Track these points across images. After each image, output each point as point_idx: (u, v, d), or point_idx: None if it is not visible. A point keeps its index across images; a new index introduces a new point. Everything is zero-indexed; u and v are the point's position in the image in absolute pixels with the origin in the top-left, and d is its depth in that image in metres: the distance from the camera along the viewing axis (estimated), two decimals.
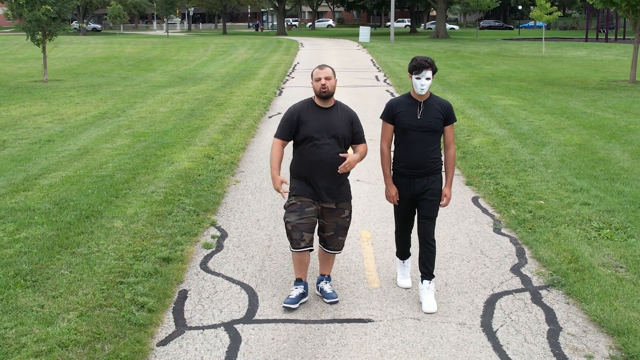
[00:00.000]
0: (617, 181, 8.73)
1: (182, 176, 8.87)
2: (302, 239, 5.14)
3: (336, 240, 5.35)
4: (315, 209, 5.22)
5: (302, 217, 5.15)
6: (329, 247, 5.38)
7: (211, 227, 7.19)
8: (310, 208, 5.19)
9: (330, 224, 5.30)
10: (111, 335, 4.67)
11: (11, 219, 7.06)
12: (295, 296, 5.25)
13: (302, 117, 5.18)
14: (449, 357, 4.55)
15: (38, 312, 4.96)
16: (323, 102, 5.21)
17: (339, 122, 5.19)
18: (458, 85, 20.00)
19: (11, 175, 8.96)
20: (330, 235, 5.32)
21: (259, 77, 22.85)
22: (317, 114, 5.19)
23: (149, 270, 5.79)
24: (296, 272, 5.36)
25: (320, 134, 5.12)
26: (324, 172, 5.15)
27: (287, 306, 5.18)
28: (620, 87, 19.72)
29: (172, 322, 5.05)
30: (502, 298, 5.51)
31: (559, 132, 12.00)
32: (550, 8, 32.14)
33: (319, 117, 5.18)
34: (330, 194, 5.24)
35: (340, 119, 5.22)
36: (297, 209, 5.18)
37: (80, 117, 13.93)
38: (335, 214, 5.29)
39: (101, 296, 5.24)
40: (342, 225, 5.34)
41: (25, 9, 18.93)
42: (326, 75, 5.15)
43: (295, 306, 5.20)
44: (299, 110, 5.23)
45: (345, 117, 5.25)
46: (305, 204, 5.19)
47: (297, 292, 5.29)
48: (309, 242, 5.18)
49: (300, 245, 5.16)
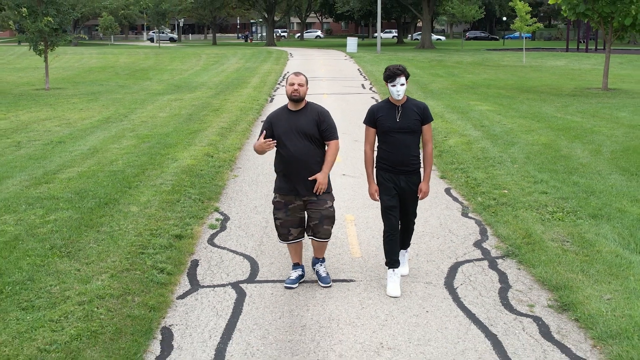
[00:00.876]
0: (574, 174, 9.82)
1: (186, 171, 9.88)
2: (290, 233, 5.83)
3: (322, 229, 5.80)
4: (299, 204, 5.78)
5: (287, 214, 5.79)
6: (317, 236, 5.84)
7: (215, 212, 8.20)
8: (293, 205, 5.77)
9: (314, 213, 5.76)
10: (138, 290, 5.68)
11: (39, 205, 8.05)
12: (295, 277, 5.96)
13: (274, 121, 5.75)
14: (417, 305, 5.58)
15: (76, 274, 5.96)
16: (294, 106, 5.73)
17: (306, 122, 5.66)
18: (439, 92, 21.13)
19: (31, 170, 9.94)
20: (316, 224, 5.78)
21: (251, 85, 23.92)
22: (287, 117, 5.72)
23: (165, 244, 6.80)
24: (292, 258, 6.08)
25: (287, 134, 5.63)
26: (297, 168, 5.65)
27: (289, 286, 5.88)
28: (592, 94, 20.92)
29: (188, 282, 6.05)
30: (464, 265, 6.55)
31: (528, 134, 13.12)
32: (531, 20, 33.42)
33: (288, 119, 5.70)
34: (308, 188, 5.71)
35: (307, 119, 5.68)
36: (282, 207, 5.80)
37: (85, 121, 14.92)
38: (318, 204, 5.75)
39: (127, 263, 6.24)
40: (326, 215, 5.78)
41: (28, 21, 19.90)
42: (299, 82, 5.66)
43: (295, 286, 5.90)
44: (274, 114, 5.83)
45: (313, 116, 5.71)
46: (289, 201, 5.77)
47: (296, 274, 6.00)
48: (296, 236, 5.85)
49: (287, 239, 5.86)
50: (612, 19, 20.82)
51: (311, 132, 5.67)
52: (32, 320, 5.06)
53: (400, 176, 5.75)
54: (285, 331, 5.12)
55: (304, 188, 5.71)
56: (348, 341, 4.97)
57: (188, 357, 4.72)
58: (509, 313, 5.47)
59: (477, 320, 5.33)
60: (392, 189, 5.77)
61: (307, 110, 5.76)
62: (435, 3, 60.54)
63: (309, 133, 5.66)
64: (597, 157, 10.99)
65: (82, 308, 5.27)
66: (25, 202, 8.20)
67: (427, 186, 5.86)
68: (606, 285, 5.82)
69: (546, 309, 5.55)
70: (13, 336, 4.81)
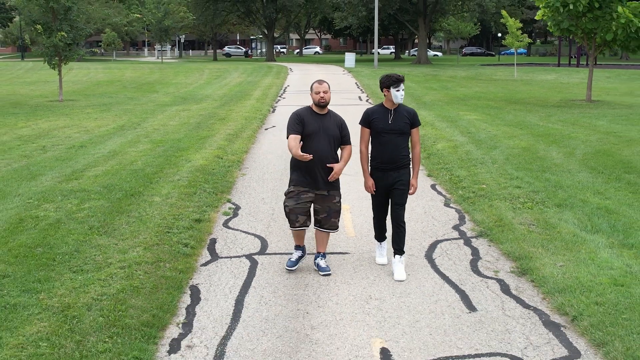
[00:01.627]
0: (547, 172, 10.98)
1: (200, 170, 11.03)
2: (297, 220, 6.47)
3: (330, 221, 6.52)
4: (310, 196, 6.43)
5: (298, 202, 6.42)
6: (324, 227, 6.54)
7: (227, 203, 9.34)
8: (306, 195, 6.41)
9: (323, 207, 6.47)
10: (168, 259, 6.80)
11: (73, 196, 9.18)
12: (295, 259, 6.65)
13: (305, 119, 6.39)
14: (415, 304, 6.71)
15: (114, 247, 7.09)
16: (319, 110, 6.45)
17: (331, 125, 6.44)
18: (432, 103, 22.36)
19: (60, 169, 11.08)
20: (324, 217, 6.49)
21: (254, 97, 25.16)
22: (314, 118, 6.41)
23: (186, 226, 7.93)
24: (295, 241, 6.74)
25: (316, 134, 6.33)
26: (319, 164, 6.36)
27: (289, 269, 6.56)
28: (576, 105, 22.14)
29: (208, 254, 7.18)
30: (443, 242, 7.68)
31: (510, 139, 14.30)
32: (521, 35, 34.77)
33: (316, 120, 6.39)
34: (324, 182, 6.44)
35: (332, 123, 6.46)
36: (294, 196, 6.44)
37: (102, 128, 16.09)
38: (328, 199, 6.48)
39: (156, 239, 7.37)
40: (334, 208, 6.51)
41: (44, 36, 21.13)
42: (324, 89, 6.39)
43: (294, 268, 6.58)
44: (302, 113, 6.46)
45: (336, 122, 6.51)
46: (302, 192, 6.42)
47: (297, 255, 6.68)
48: (302, 223, 6.50)
49: (295, 225, 6.52)
50: (594, 35, 22.07)
51: (336, 134, 6.44)
52: (83, 279, 6.18)
53: (390, 172, 6.43)
54: (292, 288, 6.25)
55: (322, 182, 6.41)
56: (343, 294, 6.10)
57: (213, 305, 5.84)
58: (477, 276, 6.60)
59: (449, 281, 6.46)
60: (382, 188, 6.48)
61: (330, 115, 6.53)
62: (431, 20, 62.05)
63: (334, 135, 6.43)
64: (569, 159, 12.15)
65: (124, 271, 6.39)
66: (60, 194, 9.33)
67: (416, 181, 6.58)
68: (561, 257, 6.95)
69: (508, 273, 6.68)
70: (70, 290, 5.92)
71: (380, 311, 5.74)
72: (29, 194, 9.35)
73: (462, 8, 60.56)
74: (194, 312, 5.69)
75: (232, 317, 5.61)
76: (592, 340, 5.14)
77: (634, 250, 7.14)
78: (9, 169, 11.17)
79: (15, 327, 5.23)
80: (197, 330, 5.36)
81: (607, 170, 11.15)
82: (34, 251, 6.93)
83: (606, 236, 7.63)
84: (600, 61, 57.57)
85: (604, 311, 5.52)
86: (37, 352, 4.82)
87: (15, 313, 5.47)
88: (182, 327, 5.40)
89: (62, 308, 5.55)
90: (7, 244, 7.17)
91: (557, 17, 22.04)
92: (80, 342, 4.97)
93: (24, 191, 9.51)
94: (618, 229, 7.92)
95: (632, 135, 15.08)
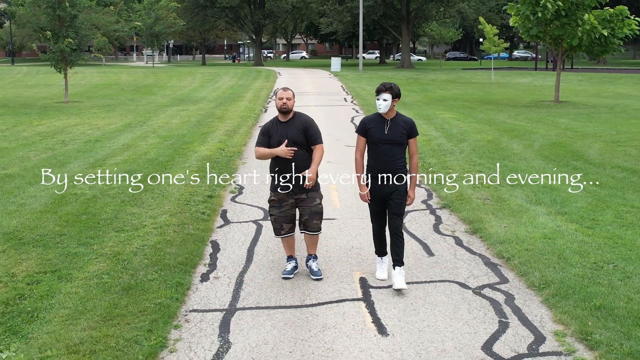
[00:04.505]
0: (506, 160, 12.74)
1: (206, 159, 12.69)
2: (282, 228, 6.64)
3: (312, 223, 6.59)
4: (291, 202, 6.58)
5: (281, 210, 6.58)
6: (308, 229, 6.64)
7: (233, 184, 11.01)
8: (286, 202, 6.57)
9: (305, 210, 6.58)
10: (191, 222, 8.46)
11: (101, 180, 10.82)
12: (290, 269, 6.74)
13: (270, 131, 6.55)
14: None
15: (145, 214, 8.74)
16: (283, 117, 6.52)
17: (294, 131, 6.45)
18: (411, 104, 24.14)
19: (84, 159, 12.69)
20: (307, 219, 6.59)
21: (246, 99, 26.86)
22: (279, 127, 6.52)
23: (201, 200, 9.59)
24: (286, 251, 6.86)
25: (280, 142, 6.43)
26: (290, 170, 6.46)
27: (286, 276, 6.67)
28: (544, 105, 24.02)
29: (222, 220, 8.85)
30: (412, 212, 9.38)
31: (479, 134, 16.09)
32: (498, 41, 36.73)
33: (279, 129, 6.50)
34: (299, 187, 6.52)
35: (295, 128, 6.46)
36: (276, 205, 6.61)
37: (111, 126, 17.71)
38: (308, 202, 6.57)
39: (178, 209, 9.03)
40: (315, 211, 6.59)
41: (51, 42, 22.71)
42: (287, 96, 6.44)
43: (292, 276, 6.70)
44: (268, 126, 6.63)
45: (300, 125, 6.48)
46: (282, 199, 6.58)
47: (291, 265, 6.78)
48: (288, 230, 6.65)
49: (280, 233, 6.67)
50: (561, 41, 23.94)
51: (299, 140, 6.45)
52: (126, 236, 7.83)
53: (386, 182, 6.34)
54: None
55: (296, 187, 6.54)
56: (330, 245, 7.81)
57: (230, 252, 7.52)
58: (437, 234, 8.33)
59: (415, 237, 8.18)
60: (378, 197, 6.40)
61: (294, 120, 6.52)
62: (414, 25, 64.04)
63: (298, 141, 6.44)
64: (527, 149, 13.95)
65: (157, 230, 8.06)
66: (90, 177, 10.96)
67: (413, 193, 6.50)
68: (506, 221, 8.67)
69: (462, 233, 8.40)
70: (116, 243, 7.57)
71: (360, 256, 7.46)
72: (63, 177, 10.97)
73: (443, 14, 62.64)
74: (216, 257, 7.37)
75: (246, 260, 7.29)
76: (519, 272, 6.87)
77: (566, 217, 8.88)
78: (39, 158, 12.78)
79: (80, 267, 6.87)
80: (220, 267, 7.04)
81: (558, 158, 12.94)
82: (80, 218, 8.58)
83: (546, 207, 9.37)
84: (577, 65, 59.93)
85: (531, 254, 7.25)
86: (101, 282, 6.47)
87: (78, 258, 7.11)
88: (208, 266, 7.07)
89: (113, 254, 7.21)
90: (57, 212, 8.82)
91: (527, 25, 23.89)
92: (133, 275, 6.62)
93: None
94: (557, 202, 9.67)
95: (588, 130, 16.92)
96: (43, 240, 7.69)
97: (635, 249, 7.37)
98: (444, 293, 6.37)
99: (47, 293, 6.19)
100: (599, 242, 7.62)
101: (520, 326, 5.62)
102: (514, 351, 5.17)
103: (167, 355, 5.10)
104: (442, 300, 6.20)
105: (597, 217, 8.75)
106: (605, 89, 33.08)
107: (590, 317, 5.59)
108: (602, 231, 8.11)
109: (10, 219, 8.52)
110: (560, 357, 5.07)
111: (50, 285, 6.36)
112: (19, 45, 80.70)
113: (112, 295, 6.13)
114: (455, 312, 5.92)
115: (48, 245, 7.50)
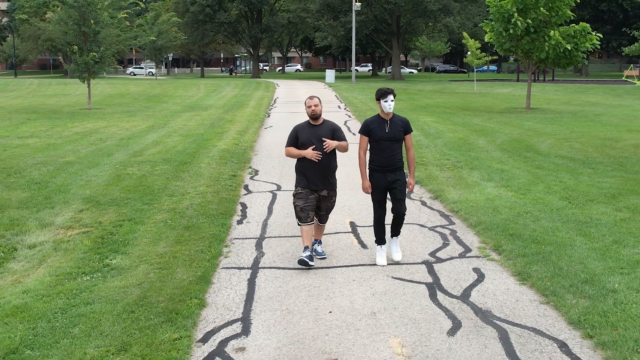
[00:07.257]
0: (471, 152, 15.57)
1: (225, 151, 15.47)
2: (308, 216, 7.29)
3: (325, 217, 7.73)
4: (315, 196, 7.37)
5: (306, 202, 7.32)
6: (321, 221, 7.75)
7: (249, 168, 13.78)
8: (312, 196, 7.34)
9: (324, 206, 7.55)
10: (223, 190, 11.22)
11: (144, 165, 13.57)
12: (307, 256, 7.25)
13: (299, 132, 7.34)
14: (369, 207, 11.21)
15: (187, 185, 11.50)
16: (314, 121, 7.33)
17: (324, 132, 7.25)
18: (398, 111, 26.91)
19: (125, 151, 15.45)
20: (323, 214, 7.66)
21: (250, 106, 29.72)
22: (309, 129, 7.33)
23: (227, 178, 12.36)
24: (304, 242, 7.34)
25: (309, 141, 7.24)
26: (316, 168, 7.27)
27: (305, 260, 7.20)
28: (516, 111, 26.92)
29: (245, 191, 11.61)
30: None
31: (452, 133, 18.93)
32: (480, 54, 39.71)
33: (310, 131, 7.29)
34: (324, 184, 7.37)
35: (325, 131, 7.27)
36: (303, 197, 7.33)
37: (137, 128, 20.50)
38: (327, 199, 7.51)
39: (211, 182, 11.80)
40: (331, 207, 7.66)
41: (77, 55, 25.50)
42: (314, 103, 7.26)
43: (313, 262, 7.26)
44: (298, 127, 7.45)
45: (329, 129, 7.33)
46: (309, 193, 7.33)
47: (308, 253, 7.29)
48: (312, 218, 7.41)
49: (306, 221, 7.30)
50: (531, 54, 26.86)
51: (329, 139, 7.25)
52: (176, 199, 10.58)
53: (388, 174, 7.22)
54: None
55: (321, 185, 7.35)
56: None
57: (256, 209, 10.28)
58: (408, 199, 11.10)
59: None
60: (381, 187, 7.25)
61: (324, 124, 7.36)
62: (404, 39, 67.19)
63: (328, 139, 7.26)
64: (490, 144, 16.79)
65: (199, 195, 10.82)
66: (135, 163, 13.72)
67: (413, 180, 7.46)
68: (461, 191, 11.45)
69: (427, 199, 11.18)
70: (170, 203, 10.32)
71: (350, 208, 10.24)
72: (113, 163, 13.74)
73: (432, 29, 65.86)
74: (245, 211, 10.14)
75: (267, 213, 10.06)
76: (462, 218, 9.64)
77: (508, 188, 11.65)
78: (87, 151, 15.54)
79: (149, 217, 9.61)
80: (250, 217, 9.81)
81: (513, 150, 15.78)
82: (138, 188, 11.33)
83: (495, 182, 12.15)
84: (561, 77, 63.12)
85: (474, 209, 10.02)
86: (167, 224, 9.21)
87: (145, 212, 9.85)
88: (240, 216, 9.83)
89: (170, 209, 9.96)
90: (119, 185, 11.58)
91: (501, 40, 26.80)
92: (189, 220, 9.36)
93: (108, 162, 13.90)
94: (504, 179, 12.45)
95: (547, 130, 19.78)
96: (115, 201, 10.43)
97: (550, 206, 10.17)
98: (408, 229, 9.13)
99: (130, 231, 8.91)
100: (525, 202, 10.42)
101: (456, 245, 8.40)
102: (449, 256, 7.94)
103: (223, 259, 7.83)
104: (407, 232, 8.96)
105: (531, 188, 11.55)
106: (576, 97, 36.07)
107: (503, 239, 8.37)
108: (531, 196, 10.90)
109: (84, 190, 11.26)
110: (480, 258, 7.84)
111: (131, 227, 9.09)
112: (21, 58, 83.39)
113: (177, 230, 8.88)
114: (415, 238, 8.70)
115: (120, 205, 10.24)
